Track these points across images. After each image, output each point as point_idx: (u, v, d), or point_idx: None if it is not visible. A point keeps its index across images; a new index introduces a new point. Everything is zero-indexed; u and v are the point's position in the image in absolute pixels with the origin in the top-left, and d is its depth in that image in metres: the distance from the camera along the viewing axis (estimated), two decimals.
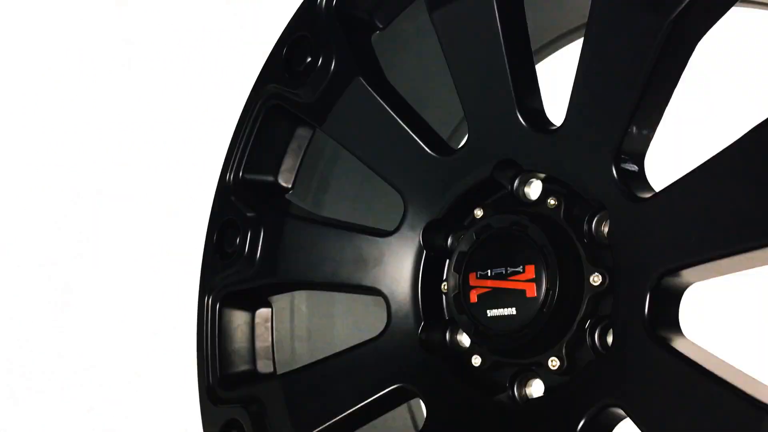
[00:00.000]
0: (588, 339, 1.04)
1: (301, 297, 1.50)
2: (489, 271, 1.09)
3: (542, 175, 1.09)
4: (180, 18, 2.34)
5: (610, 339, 1.02)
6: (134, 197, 2.33)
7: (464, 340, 1.17)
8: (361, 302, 1.51)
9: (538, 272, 1.04)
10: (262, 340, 1.43)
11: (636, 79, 0.98)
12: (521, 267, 1.06)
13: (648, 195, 0.97)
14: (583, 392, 1.00)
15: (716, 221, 0.89)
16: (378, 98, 1.24)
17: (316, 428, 1.23)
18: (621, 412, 0.97)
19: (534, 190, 1.11)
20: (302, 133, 1.42)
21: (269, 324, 1.44)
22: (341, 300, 1.55)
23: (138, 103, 2.33)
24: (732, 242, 0.87)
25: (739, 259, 0.88)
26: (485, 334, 1.09)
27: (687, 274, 0.94)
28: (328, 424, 1.22)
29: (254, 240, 1.35)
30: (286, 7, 1.47)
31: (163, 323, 2.29)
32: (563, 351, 1.05)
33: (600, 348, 1.03)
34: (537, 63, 1.47)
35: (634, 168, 1.00)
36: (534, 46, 1.34)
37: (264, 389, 1.32)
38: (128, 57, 2.34)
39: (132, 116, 2.34)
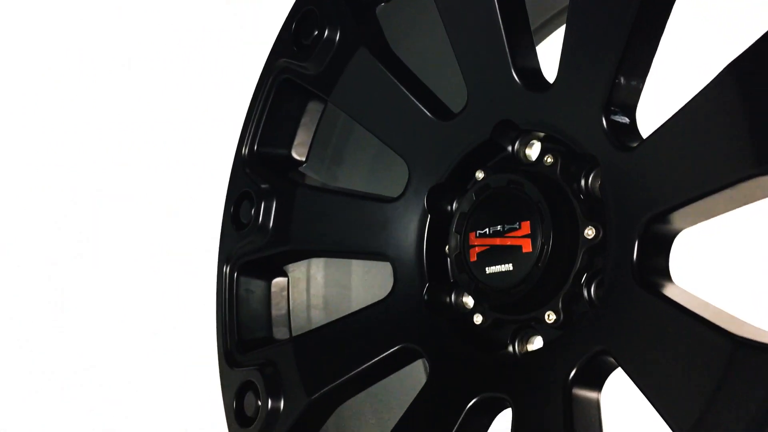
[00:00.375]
0: (584, 292, 1.07)
1: (317, 267, 1.56)
2: (487, 229, 1.13)
3: (541, 134, 1.13)
4: (180, 18, 2.38)
5: None
6: (134, 197, 2.36)
7: (469, 301, 1.21)
8: (378, 272, 1.55)
9: (533, 228, 1.08)
10: (278, 308, 1.49)
11: (619, 28, 1.01)
12: (517, 224, 1.09)
13: (636, 144, 1.01)
14: (576, 343, 1.03)
15: (696, 160, 0.93)
16: (381, 66, 1.29)
17: (324, 388, 1.28)
18: (611, 360, 1.00)
19: (534, 150, 1.15)
20: (314, 107, 1.48)
21: (285, 293, 1.50)
22: (357, 270, 1.61)
23: (138, 103, 2.37)
24: (712, 179, 0.91)
25: (722, 196, 0.92)
26: (484, 291, 1.13)
27: (674, 218, 0.97)
28: (335, 383, 1.27)
29: (267, 211, 1.42)
30: (286, 8, 1.51)
31: (163, 323, 2.31)
32: (560, 305, 1.08)
33: (595, 300, 1.06)
34: (540, 41, 1.50)
35: (625, 120, 1.03)
36: (534, 24, 1.37)
37: (277, 352, 1.37)
38: (128, 57, 2.38)
39: (132, 116, 2.37)
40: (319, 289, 1.56)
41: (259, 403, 1.35)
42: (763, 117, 0.88)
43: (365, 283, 1.59)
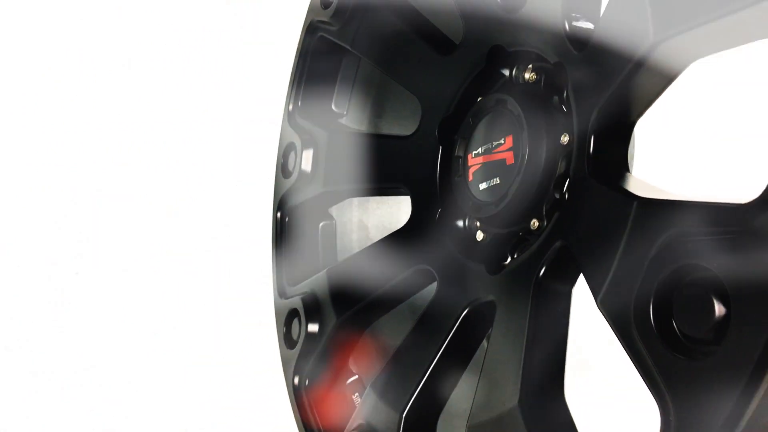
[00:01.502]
0: (566, 197, 1.16)
1: (366, 212, 1.77)
2: (480, 149, 1.22)
3: (533, 55, 1.22)
4: (180, 18, 2.47)
5: None
6: (134, 197, 2.43)
7: (479, 222, 1.32)
8: None
9: (515, 141, 1.19)
10: (326, 249, 1.71)
11: None
12: (502, 139, 1.19)
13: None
14: (548, 243, 1.14)
15: (619, 44, 1.04)
16: (390, 14, 1.46)
17: (349, 310, 1.47)
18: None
19: (530, 72, 1.23)
20: (349, 62, 1.69)
21: (333, 235, 1.72)
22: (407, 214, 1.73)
23: (138, 103, 2.45)
24: (629, 58, 1.02)
25: (646, 74, 1.02)
26: (480, 207, 1.22)
27: (619, 108, 1.07)
28: (359, 305, 1.45)
29: (307, 159, 1.64)
30: (286, 8, 1.62)
31: (163, 323, 2.38)
32: (543, 211, 1.19)
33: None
34: None
35: (590, 25, 1.14)
36: None
37: (315, 282, 1.57)
38: (128, 57, 2.47)
39: (132, 116, 2.45)
40: (368, 232, 1.76)
41: (301, 327, 1.54)
42: None
43: None
